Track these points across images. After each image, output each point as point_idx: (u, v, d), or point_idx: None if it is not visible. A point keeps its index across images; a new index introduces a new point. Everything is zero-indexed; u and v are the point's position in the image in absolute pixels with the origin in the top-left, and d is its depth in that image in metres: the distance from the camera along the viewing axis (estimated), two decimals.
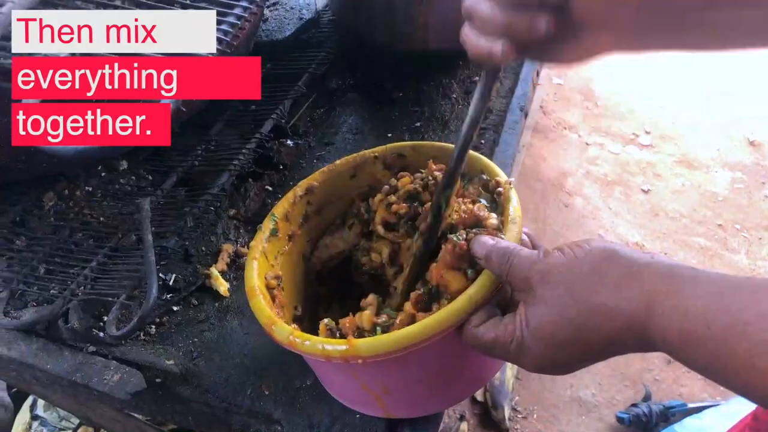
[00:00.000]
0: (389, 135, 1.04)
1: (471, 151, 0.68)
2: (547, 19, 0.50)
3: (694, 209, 2.22)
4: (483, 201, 0.65)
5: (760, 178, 2.33)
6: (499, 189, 0.65)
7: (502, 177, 0.66)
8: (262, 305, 0.62)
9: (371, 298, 0.64)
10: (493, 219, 0.61)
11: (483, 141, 1.00)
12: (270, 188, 0.97)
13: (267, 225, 0.71)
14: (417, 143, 0.76)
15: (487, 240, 0.57)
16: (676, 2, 0.51)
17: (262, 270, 0.67)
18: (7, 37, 0.53)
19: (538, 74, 1.14)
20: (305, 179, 0.75)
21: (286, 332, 0.59)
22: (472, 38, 0.54)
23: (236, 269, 0.86)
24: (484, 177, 0.68)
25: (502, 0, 0.51)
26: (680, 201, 2.24)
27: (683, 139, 2.48)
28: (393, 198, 0.71)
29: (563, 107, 2.63)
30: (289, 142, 1.04)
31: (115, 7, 0.59)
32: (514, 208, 0.62)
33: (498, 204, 0.65)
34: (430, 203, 0.67)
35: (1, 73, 0.56)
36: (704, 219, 2.18)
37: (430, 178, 0.71)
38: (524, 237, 0.62)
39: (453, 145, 0.69)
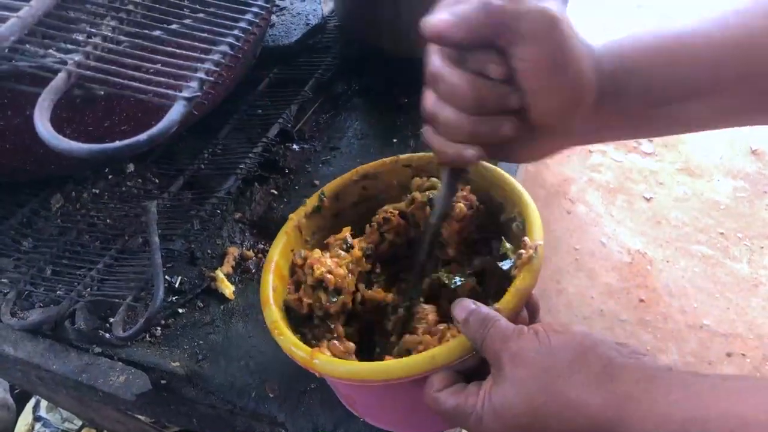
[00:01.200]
0: (395, 140, 1.04)
1: (514, 183, 0.67)
2: (511, 122, 0.52)
3: (696, 217, 2.22)
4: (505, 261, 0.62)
5: (762, 187, 2.33)
6: (521, 251, 0.59)
7: (530, 240, 0.60)
8: (267, 282, 0.63)
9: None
10: None
11: None
12: (275, 192, 0.97)
13: (312, 201, 0.71)
14: (486, 167, 0.70)
15: (469, 304, 0.55)
16: (626, 104, 0.54)
17: (290, 244, 0.68)
18: (24, 41, 0.54)
19: None
20: (361, 166, 0.73)
21: (272, 319, 0.60)
22: (439, 144, 0.55)
23: (241, 272, 0.86)
24: (517, 223, 0.65)
25: (463, 107, 0.51)
26: (682, 209, 2.25)
27: (685, 147, 2.49)
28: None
29: None
30: (294, 146, 1.05)
31: (128, 12, 0.60)
32: (526, 279, 0.57)
33: (515, 264, 0.60)
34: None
35: (13, 75, 0.57)
36: (706, 227, 2.18)
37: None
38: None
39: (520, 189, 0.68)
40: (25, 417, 1.34)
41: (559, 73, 0.49)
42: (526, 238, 0.60)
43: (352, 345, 0.63)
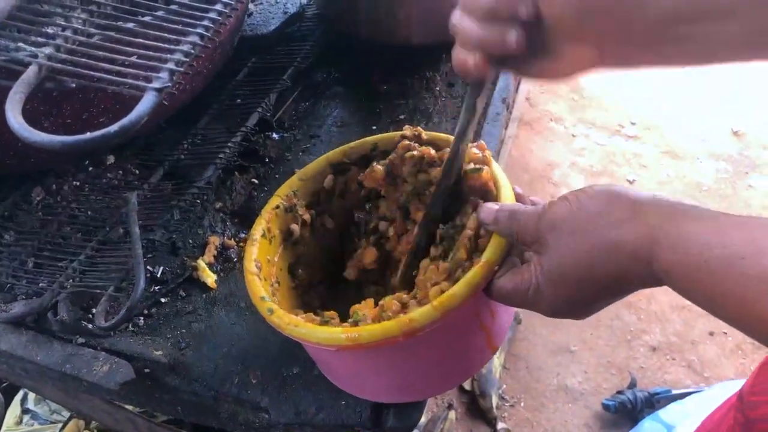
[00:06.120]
0: (374, 128, 1.05)
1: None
2: (518, 32, 0.53)
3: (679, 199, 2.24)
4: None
5: (743, 168, 2.35)
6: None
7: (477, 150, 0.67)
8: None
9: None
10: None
11: None
12: (256, 181, 0.98)
13: (270, 305, 0.64)
14: (304, 171, 0.76)
15: (492, 206, 0.60)
16: (651, 14, 0.53)
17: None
18: None
19: None
20: (246, 256, 0.69)
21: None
22: (454, 52, 0.58)
23: (223, 261, 0.87)
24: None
25: (476, 15, 0.54)
26: (665, 191, 2.25)
27: (668, 129, 2.50)
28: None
29: (549, 99, 2.64)
30: (274, 135, 1.05)
31: (98, 5, 0.60)
32: (499, 170, 0.65)
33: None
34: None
35: None
36: None
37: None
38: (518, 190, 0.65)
39: (334, 150, 0.76)
40: (14, 410, 1.34)
41: None
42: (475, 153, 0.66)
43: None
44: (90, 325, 0.77)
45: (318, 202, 0.77)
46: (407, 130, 0.73)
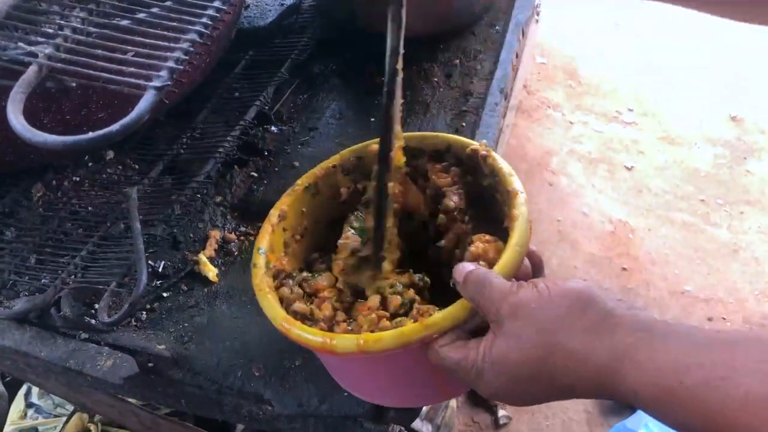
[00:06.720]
0: (372, 120, 1.05)
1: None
2: None
3: (677, 185, 2.24)
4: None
5: (741, 154, 2.35)
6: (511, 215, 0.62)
7: (517, 209, 0.62)
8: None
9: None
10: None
11: (464, 124, 1.01)
12: (255, 174, 0.98)
13: (258, 260, 0.66)
14: (370, 143, 0.73)
15: (467, 266, 0.57)
16: None
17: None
18: None
19: (517, 56, 1.15)
20: (276, 204, 0.71)
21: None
22: None
23: (224, 255, 0.87)
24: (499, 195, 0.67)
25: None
26: (663, 177, 2.27)
27: (666, 116, 2.50)
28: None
29: (547, 86, 2.64)
30: (273, 128, 1.05)
31: (97, 3, 0.60)
32: (521, 234, 0.59)
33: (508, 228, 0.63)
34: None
35: None
36: (687, 194, 2.21)
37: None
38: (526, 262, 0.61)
39: (411, 133, 0.72)
40: (18, 404, 1.35)
41: None
42: (514, 211, 0.61)
43: None
44: (93, 321, 0.77)
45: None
46: (481, 147, 0.69)
